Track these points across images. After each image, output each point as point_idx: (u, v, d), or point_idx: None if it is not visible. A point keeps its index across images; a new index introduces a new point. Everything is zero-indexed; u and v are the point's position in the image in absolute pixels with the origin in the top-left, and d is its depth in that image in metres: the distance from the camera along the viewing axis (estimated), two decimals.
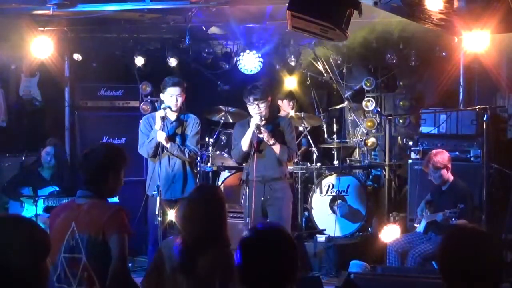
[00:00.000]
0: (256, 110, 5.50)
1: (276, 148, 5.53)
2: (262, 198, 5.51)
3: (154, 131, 5.47)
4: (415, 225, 5.96)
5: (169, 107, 5.52)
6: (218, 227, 3.44)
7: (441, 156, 5.65)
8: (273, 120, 5.71)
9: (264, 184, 5.54)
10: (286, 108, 7.62)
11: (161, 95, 5.66)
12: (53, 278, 3.34)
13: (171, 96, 5.53)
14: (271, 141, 5.49)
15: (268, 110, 5.60)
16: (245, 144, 5.53)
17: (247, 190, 5.55)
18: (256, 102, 5.47)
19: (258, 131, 5.42)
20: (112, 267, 3.25)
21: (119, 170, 3.48)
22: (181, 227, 3.49)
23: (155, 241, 5.39)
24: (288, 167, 5.98)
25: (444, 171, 5.65)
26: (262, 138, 5.47)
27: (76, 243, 3.28)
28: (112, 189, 3.48)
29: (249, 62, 7.62)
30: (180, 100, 5.57)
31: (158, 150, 5.44)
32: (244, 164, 5.80)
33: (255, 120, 5.45)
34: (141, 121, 5.79)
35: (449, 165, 5.68)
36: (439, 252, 2.48)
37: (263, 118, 5.48)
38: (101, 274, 3.26)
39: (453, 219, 5.34)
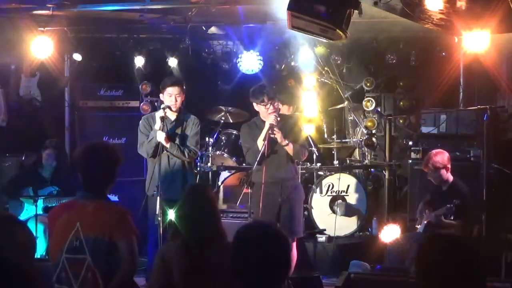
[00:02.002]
0: (270, 110, 5.40)
1: (289, 148, 5.43)
2: (280, 199, 5.46)
3: (154, 131, 5.47)
4: (416, 226, 5.96)
5: (169, 107, 5.52)
6: (214, 223, 3.47)
7: (441, 156, 5.66)
8: (282, 119, 5.59)
9: (280, 184, 5.47)
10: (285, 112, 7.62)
11: (161, 95, 5.67)
12: (52, 278, 3.35)
13: (170, 96, 5.53)
14: (285, 142, 5.40)
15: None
16: (261, 144, 5.41)
17: (251, 191, 5.52)
18: (270, 102, 5.40)
19: (271, 132, 5.35)
20: (123, 269, 3.26)
21: (117, 170, 3.50)
22: (181, 228, 3.49)
23: (156, 241, 5.39)
24: None
25: (443, 172, 5.65)
26: (274, 138, 5.38)
27: (80, 243, 3.28)
28: (110, 188, 3.50)
29: (249, 62, 7.61)
30: (179, 99, 5.56)
31: (157, 150, 5.44)
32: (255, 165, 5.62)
33: (269, 120, 5.36)
34: (140, 121, 5.78)
35: (449, 165, 5.68)
36: (416, 257, 2.55)
37: (278, 119, 5.39)
38: (105, 275, 3.26)
39: (449, 216, 5.36)
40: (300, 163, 6.91)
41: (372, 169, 7.89)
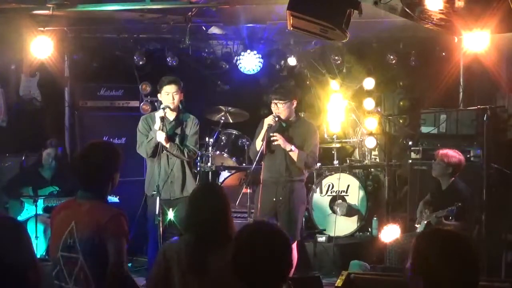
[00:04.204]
0: (275, 110, 5.42)
1: (294, 154, 5.41)
2: (274, 199, 5.46)
3: (154, 131, 5.46)
4: (416, 225, 5.96)
5: (169, 107, 5.52)
6: (224, 224, 3.43)
7: (455, 156, 5.64)
8: (295, 123, 5.57)
9: (278, 185, 5.47)
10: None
11: (158, 95, 5.67)
12: (51, 274, 3.36)
13: (168, 94, 5.53)
14: (288, 147, 5.39)
15: (290, 111, 5.48)
16: (259, 144, 5.45)
17: (250, 191, 5.52)
18: (275, 102, 5.41)
19: (271, 131, 5.33)
20: (109, 270, 3.24)
21: (118, 170, 3.49)
22: (187, 227, 3.47)
23: (155, 241, 5.39)
24: None
25: (444, 168, 5.64)
26: (275, 142, 5.37)
27: (74, 242, 3.28)
28: (111, 189, 3.49)
29: (249, 62, 7.62)
30: (177, 98, 5.56)
31: (157, 150, 5.44)
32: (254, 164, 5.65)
33: (267, 120, 5.38)
34: (139, 122, 5.76)
35: (453, 170, 5.64)
36: (411, 251, 2.49)
37: (276, 119, 5.38)
38: (98, 275, 3.26)
39: (450, 218, 5.35)
40: None
41: (372, 169, 7.90)
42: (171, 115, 5.61)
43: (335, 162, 7.57)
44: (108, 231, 3.25)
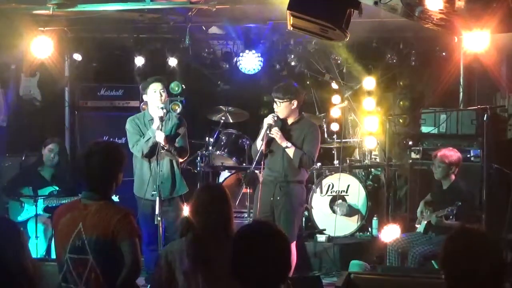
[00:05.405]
0: (275, 108, 5.45)
1: (290, 151, 5.39)
2: (272, 198, 5.45)
3: (152, 130, 5.45)
4: (416, 225, 5.97)
5: (167, 108, 5.54)
6: (227, 224, 3.45)
7: (453, 154, 5.67)
8: (296, 123, 5.56)
9: (276, 184, 5.45)
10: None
11: (144, 96, 5.67)
12: (59, 277, 3.36)
13: (155, 92, 5.54)
14: (284, 144, 5.38)
15: (290, 111, 5.46)
16: (260, 143, 5.45)
17: (249, 190, 5.52)
18: (275, 100, 5.44)
19: (269, 131, 5.35)
20: (126, 270, 3.25)
21: (122, 170, 3.49)
22: (189, 227, 3.47)
23: (149, 242, 5.40)
24: None
25: (446, 168, 5.64)
26: (271, 136, 5.39)
27: (83, 244, 3.28)
28: (114, 189, 3.49)
29: (249, 62, 7.62)
30: (164, 95, 5.58)
31: (153, 149, 5.43)
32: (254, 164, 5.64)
33: (267, 120, 5.38)
34: (127, 123, 5.70)
35: (455, 167, 5.65)
36: (442, 251, 2.51)
37: (275, 118, 5.38)
38: (108, 275, 3.26)
39: (451, 217, 5.36)
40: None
41: (372, 169, 7.89)
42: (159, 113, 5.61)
43: (335, 162, 7.57)
44: (121, 232, 3.26)
